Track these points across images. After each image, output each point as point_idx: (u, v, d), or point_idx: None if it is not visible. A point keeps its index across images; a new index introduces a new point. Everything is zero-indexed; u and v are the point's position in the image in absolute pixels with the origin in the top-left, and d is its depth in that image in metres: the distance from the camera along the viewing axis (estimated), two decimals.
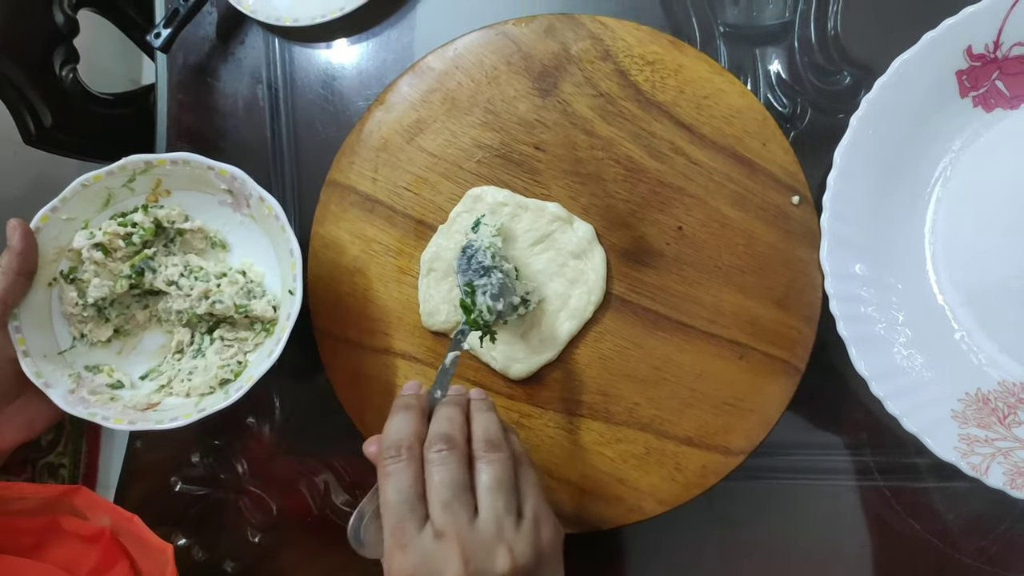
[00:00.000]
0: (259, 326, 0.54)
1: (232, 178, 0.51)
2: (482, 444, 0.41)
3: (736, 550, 0.58)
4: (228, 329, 0.54)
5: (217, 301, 0.51)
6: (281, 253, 0.52)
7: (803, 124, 0.56)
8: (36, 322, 0.51)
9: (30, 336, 0.50)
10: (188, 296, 0.52)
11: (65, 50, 0.67)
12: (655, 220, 0.54)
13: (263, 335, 0.54)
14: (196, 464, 0.63)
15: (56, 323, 0.52)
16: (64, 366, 0.51)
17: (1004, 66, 0.50)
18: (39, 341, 0.50)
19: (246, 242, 0.55)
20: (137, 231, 0.52)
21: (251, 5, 0.61)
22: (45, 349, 0.51)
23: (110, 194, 0.52)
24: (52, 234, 0.51)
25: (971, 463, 0.47)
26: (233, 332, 0.54)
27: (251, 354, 0.54)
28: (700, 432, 0.53)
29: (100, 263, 0.51)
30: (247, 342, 0.54)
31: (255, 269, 0.55)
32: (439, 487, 0.39)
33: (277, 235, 0.52)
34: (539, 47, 0.55)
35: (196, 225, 0.54)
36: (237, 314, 0.53)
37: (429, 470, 0.39)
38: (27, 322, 0.50)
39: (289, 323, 0.49)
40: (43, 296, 0.51)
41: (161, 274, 0.52)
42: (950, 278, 0.52)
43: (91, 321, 0.53)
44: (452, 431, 0.41)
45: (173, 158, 0.51)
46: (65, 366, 0.51)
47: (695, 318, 0.53)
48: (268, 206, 0.51)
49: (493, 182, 0.55)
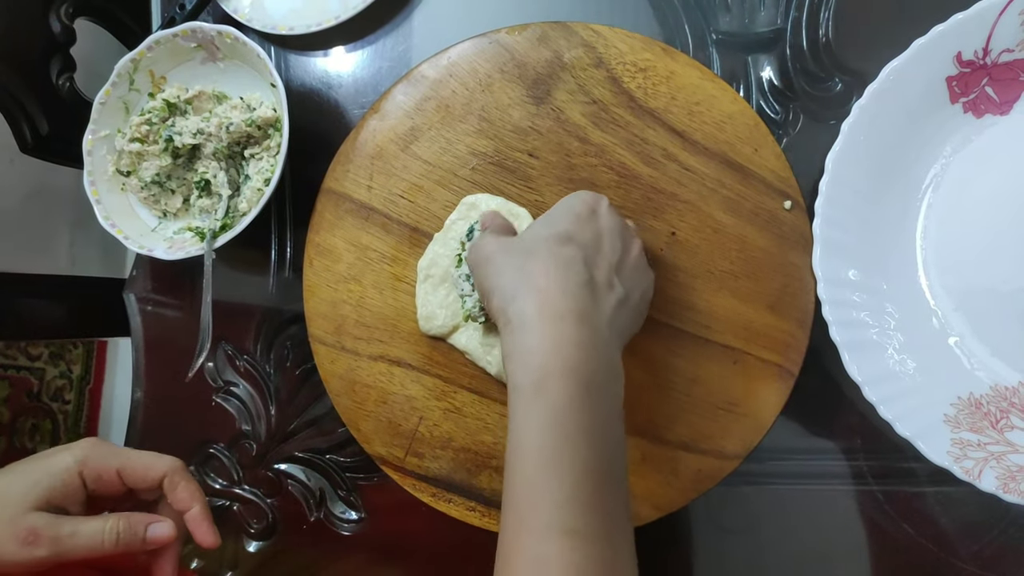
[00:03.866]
0: (272, 130, 0.61)
1: (192, 32, 0.59)
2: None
3: (731, 555, 0.58)
4: (254, 146, 0.61)
5: (229, 124, 0.59)
6: (260, 70, 0.59)
7: (795, 130, 0.56)
8: (125, 215, 0.62)
9: (124, 225, 0.61)
10: (212, 136, 0.60)
11: (62, 59, 0.67)
12: (649, 226, 0.54)
13: (277, 135, 0.61)
14: (191, 472, 0.63)
15: (141, 213, 0.63)
16: (159, 238, 0.62)
17: (993, 72, 0.50)
18: (133, 227, 0.61)
19: (236, 82, 0.62)
20: (154, 114, 0.61)
21: (247, 14, 0.62)
22: (140, 231, 0.61)
23: (125, 102, 0.62)
24: (101, 152, 0.62)
25: (964, 467, 0.47)
26: (258, 146, 0.61)
27: (277, 156, 0.59)
28: (695, 437, 0.53)
29: (140, 152, 0.61)
30: (270, 148, 0.61)
31: (250, 95, 0.62)
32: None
33: (251, 59, 0.59)
34: (532, 55, 0.56)
35: (196, 90, 0.62)
36: (248, 127, 0.60)
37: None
38: (118, 217, 0.61)
39: (284, 110, 0.57)
40: (120, 199, 0.62)
41: (186, 133, 0.60)
42: (942, 283, 0.52)
43: (162, 197, 0.62)
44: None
45: (147, 44, 0.60)
46: (160, 238, 0.62)
47: (689, 323, 0.54)
48: (226, 34, 0.58)
49: (488, 189, 0.56)
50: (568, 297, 0.41)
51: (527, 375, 0.39)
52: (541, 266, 0.42)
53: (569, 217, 0.45)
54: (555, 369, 0.38)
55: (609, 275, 0.44)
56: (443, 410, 0.55)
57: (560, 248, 0.43)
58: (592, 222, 0.46)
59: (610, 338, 0.42)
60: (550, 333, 0.39)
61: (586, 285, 0.42)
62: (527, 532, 0.36)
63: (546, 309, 0.40)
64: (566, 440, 0.37)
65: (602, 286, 0.43)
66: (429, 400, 0.56)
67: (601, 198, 0.47)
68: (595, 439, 0.38)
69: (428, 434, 0.55)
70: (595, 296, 0.42)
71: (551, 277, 0.41)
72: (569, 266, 0.42)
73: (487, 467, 0.55)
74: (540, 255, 0.43)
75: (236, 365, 0.63)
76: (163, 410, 0.65)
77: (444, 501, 0.55)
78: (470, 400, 0.55)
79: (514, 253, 0.44)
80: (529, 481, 0.37)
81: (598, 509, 0.37)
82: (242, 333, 0.63)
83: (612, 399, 0.41)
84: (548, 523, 0.36)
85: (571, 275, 0.42)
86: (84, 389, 1.38)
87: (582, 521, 0.36)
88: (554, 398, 0.38)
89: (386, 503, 0.61)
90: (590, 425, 0.38)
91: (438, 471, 0.55)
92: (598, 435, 0.38)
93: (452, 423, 0.55)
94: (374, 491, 0.61)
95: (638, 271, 0.47)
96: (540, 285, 0.41)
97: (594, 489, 0.37)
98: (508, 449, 0.39)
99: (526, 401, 0.39)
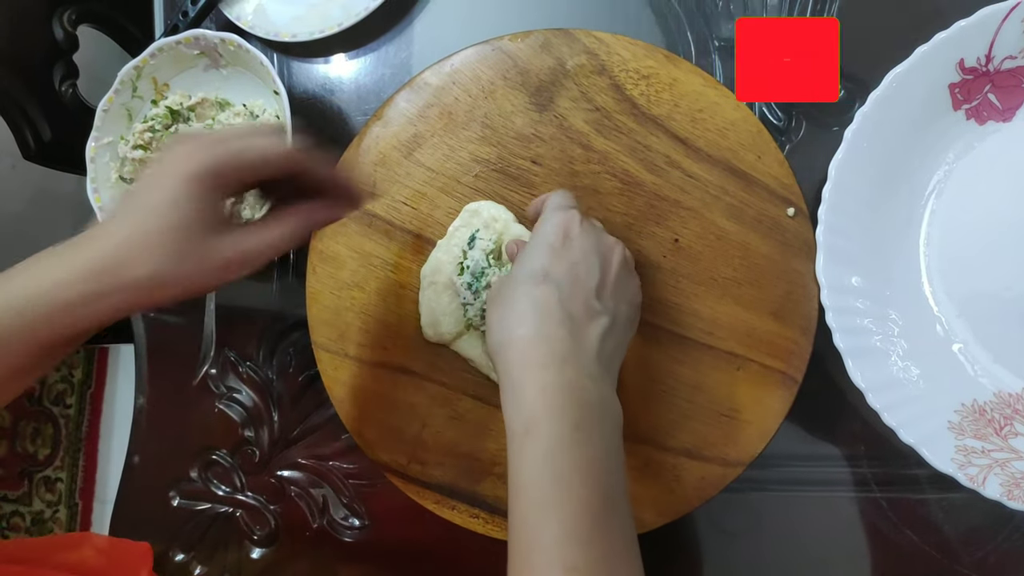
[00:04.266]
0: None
1: (195, 39, 0.59)
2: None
3: (734, 562, 0.58)
4: None
5: None
6: (263, 77, 0.59)
7: (798, 137, 0.56)
8: None
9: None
10: None
11: (65, 65, 0.67)
12: (651, 233, 0.54)
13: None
14: (194, 479, 0.63)
15: None
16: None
17: (996, 79, 0.50)
18: None
19: (239, 89, 0.63)
20: (157, 121, 0.61)
21: (250, 21, 0.62)
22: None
23: (128, 109, 0.62)
24: (104, 159, 0.61)
25: (968, 474, 0.47)
26: None
27: None
28: (698, 444, 0.53)
29: (144, 159, 0.61)
30: None
31: (253, 102, 0.62)
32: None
33: (254, 66, 0.59)
34: (535, 62, 0.56)
35: (199, 97, 0.62)
36: None
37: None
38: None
39: (287, 117, 0.57)
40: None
41: None
42: (945, 290, 0.52)
43: None
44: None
45: (150, 51, 0.60)
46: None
47: (692, 330, 0.54)
48: (229, 41, 0.58)
49: (491, 196, 0.56)
50: (548, 342, 0.41)
51: (518, 420, 0.40)
52: (517, 316, 0.42)
53: (542, 251, 0.44)
54: (542, 414, 0.39)
55: (588, 305, 0.43)
56: (446, 417, 0.55)
57: (535, 290, 0.42)
58: (567, 250, 0.44)
59: (599, 373, 0.42)
60: (535, 381, 0.40)
61: (563, 325, 0.41)
62: (530, 570, 0.37)
63: (527, 359, 0.41)
64: (559, 480, 0.38)
65: (582, 321, 0.43)
66: (432, 407, 0.56)
67: (574, 216, 0.46)
68: (590, 476, 0.38)
69: (431, 441, 0.55)
70: (576, 335, 0.42)
71: (528, 325, 0.41)
72: (545, 309, 0.42)
73: (490, 474, 0.55)
74: (518, 302, 0.42)
75: (239, 371, 0.63)
76: (166, 416, 0.65)
77: (447, 508, 0.55)
78: (473, 407, 0.55)
79: (500, 302, 0.44)
80: (527, 521, 0.38)
81: (597, 544, 0.37)
82: (245, 339, 0.63)
83: (607, 434, 0.41)
84: (549, 561, 0.36)
85: (548, 318, 0.42)
86: (85, 393, 1.38)
87: (582, 558, 0.36)
88: (544, 440, 0.38)
89: (389, 510, 0.61)
90: (584, 463, 0.39)
91: (441, 478, 0.55)
92: (593, 472, 0.39)
93: (455, 430, 0.55)
94: (377, 498, 0.61)
95: (620, 284, 0.47)
96: (519, 335, 0.41)
97: (592, 525, 0.37)
98: (508, 490, 0.39)
99: (519, 444, 0.39)
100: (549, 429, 0.39)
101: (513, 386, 0.40)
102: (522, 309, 0.42)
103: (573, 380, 0.40)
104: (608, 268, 0.46)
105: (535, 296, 0.42)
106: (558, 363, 0.40)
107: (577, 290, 0.43)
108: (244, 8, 0.62)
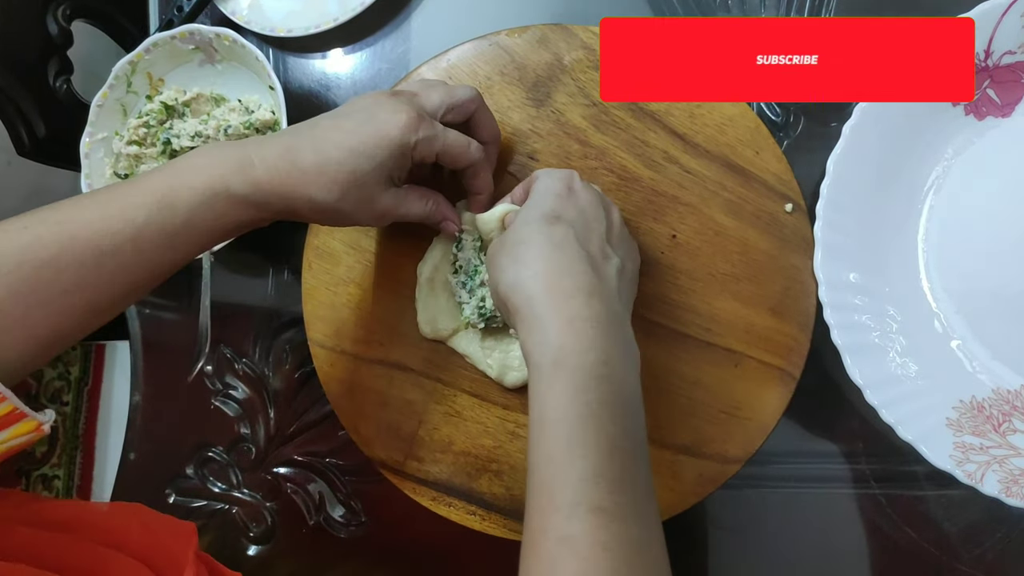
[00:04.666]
0: (270, 132, 0.60)
1: (190, 34, 0.59)
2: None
3: (732, 558, 0.57)
4: None
5: (227, 127, 0.59)
6: (259, 73, 0.59)
7: (796, 132, 0.56)
8: None
9: None
10: (210, 139, 0.60)
11: (59, 61, 0.67)
12: (649, 229, 0.54)
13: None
14: (191, 476, 0.63)
15: None
16: None
17: (995, 74, 0.50)
18: None
19: (235, 85, 0.62)
20: (152, 116, 0.61)
21: (245, 16, 0.61)
22: None
23: (122, 105, 0.62)
24: (98, 155, 0.61)
25: (966, 471, 0.47)
26: None
27: None
28: (697, 441, 0.53)
29: (138, 155, 0.61)
30: None
31: (249, 97, 0.62)
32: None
33: (250, 61, 0.59)
34: (532, 57, 0.56)
35: (194, 93, 0.61)
36: (246, 130, 0.59)
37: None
38: None
39: (283, 113, 0.57)
40: None
41: (184, 136, 0.60)
42: (944, 286, 0.52)
43: None
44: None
45: (145, 46, 0.60)
46: None
47: (690, 326, 0.53)
48: (225, 36, 0.58)
49: None
50: (571, 275, 0.40)
51: (545, 354, 0.38)
52: (534, 253, 0.41)
53: (549, 197, 0.45)
54: (572, 346, 0.38)
55: (602, 246, 0.44)
56: (443, 414, 0.55)
57: (549, 228, 0.42)
58: (573, 198, 0.45)
59: (621, 311, 0.42)
60: (561, 311, 0.39)
61: (584, 260, 0.41)
62: (553, 510, 0.35)
63: (552, 290, 0.40)
64: (590, 414, 0.36)
65: (599, 259, 0.43)
66: (429, 404, 0.55)
67: (572, 173, 0.47)
68: (618, 414, 0.37)
69: (428, 438, 0.55)
70: (597, 271, 0.41)
71: (550, 259, 0.41)
72: (564, 244, 0.42)
73: (487, 471, 0.55)
74: (533, 240, 0.42)
75: (235, 368, 0.63)
76: (162, 413, 0.64)
77: (444, 505, 0.55)
78: (470, 404, 0.55)
79: (509, 246, 0.43)
80: (553, 458, 0.36)
81: (626, 486, 0.36)
82: (241, 336, 0.63)
83: (631, 373, 0.40)
84: (574, 501, 0.34)
85: (568, 252, 0.41)
86: (82, 390, 1.37)
87: (610, 499, 0.35)
88: (574, 372, 0.37)
89: (385, 507, 0.60)
90: (613, 399, 0.37)
91: (438, 475, 0.55)
92: (621, 410, 0.38)
93: (452, 427, 0.55)
94: (373, 495, 0.61)
95: (625, 239, 0.47)
96: (539, 269, 0.40)
97: (621, 465, 0.36)
98: (531, 429, 0.38)
99: (547, 377, 0.38)
100: (578, 361, 0.37)
101: (537, 318, 0.39)
102: (539, 244, 0.41)
103: (601, 313, 0.39)
104: (612, 219, 0.46)
105: (550, 233, 0.42)
106: (584, 295, 0.39)
107: (591, 233, 0.44)
108: (239, 3, 0.62)
